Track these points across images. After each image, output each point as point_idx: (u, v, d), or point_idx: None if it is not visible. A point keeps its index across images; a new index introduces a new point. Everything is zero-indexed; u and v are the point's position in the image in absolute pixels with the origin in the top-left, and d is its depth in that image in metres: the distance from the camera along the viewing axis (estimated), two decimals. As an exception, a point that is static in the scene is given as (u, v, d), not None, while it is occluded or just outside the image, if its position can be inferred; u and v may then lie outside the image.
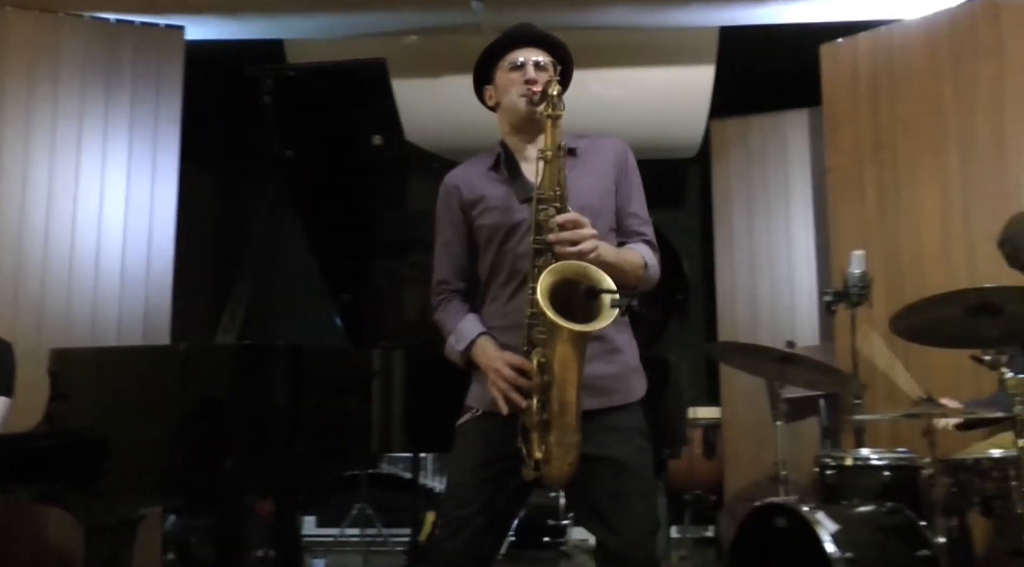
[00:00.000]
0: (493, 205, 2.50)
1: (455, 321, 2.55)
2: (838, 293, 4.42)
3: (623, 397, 2.47)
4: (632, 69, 6.18)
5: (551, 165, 2.34)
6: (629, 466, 2.40)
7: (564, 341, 2.22)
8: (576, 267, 2.25)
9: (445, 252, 2.62)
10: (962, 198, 5.08)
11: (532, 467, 2.30)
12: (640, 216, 2.62)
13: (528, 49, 2.56)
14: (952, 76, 5.22)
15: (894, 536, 3.33)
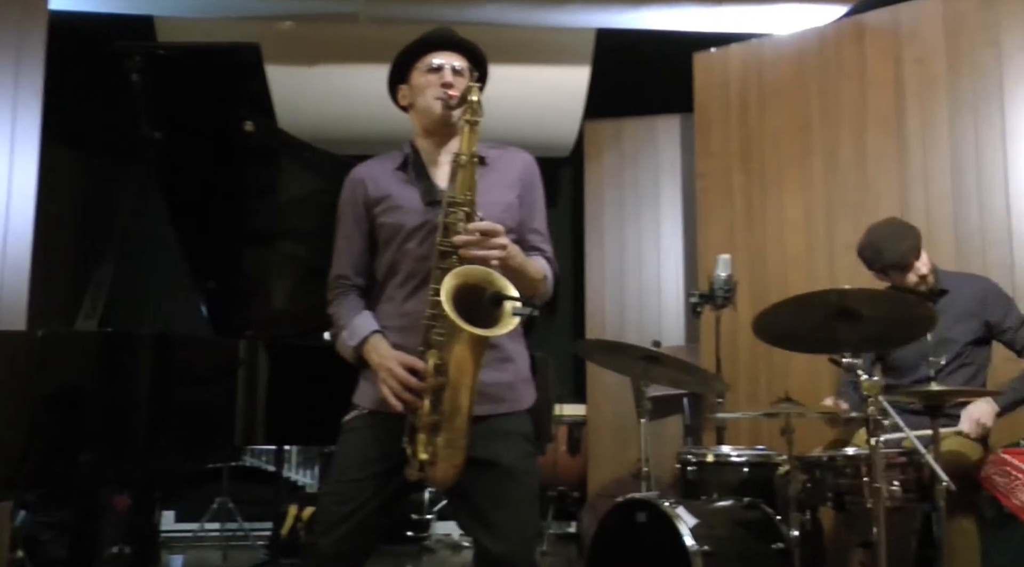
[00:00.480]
0: (397, 204, 2.49)
1: (350, 316, 2.52)
2: (704, 295, 4.49)
3: (511, 405, 2.49)
4: (508, 66, 6.18)
5: (465, 170, 2.34)
6: (514, 471, 2.42)
7: (463, 344, 2.22)
8: (480, 272, 2.26)
9: (346, 246, 2.59)
10: (825, 208, 5.27)
11: (417, 468, 2.30)
12: (541, 232, 2.65)
13: (447, 53, 2.56)
14: (818, 92, 5.40)
15: (750, 530, 3.42)
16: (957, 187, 4.87)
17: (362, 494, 2.39)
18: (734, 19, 5.55)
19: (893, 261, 3.77)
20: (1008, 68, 4.82)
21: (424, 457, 2.28)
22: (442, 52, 2.56)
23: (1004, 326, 3.79)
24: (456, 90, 2.46)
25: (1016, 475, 3.23)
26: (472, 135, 2.36)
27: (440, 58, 2.54)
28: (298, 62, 5.95)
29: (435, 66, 2.53)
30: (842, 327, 3.15)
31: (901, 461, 3.29)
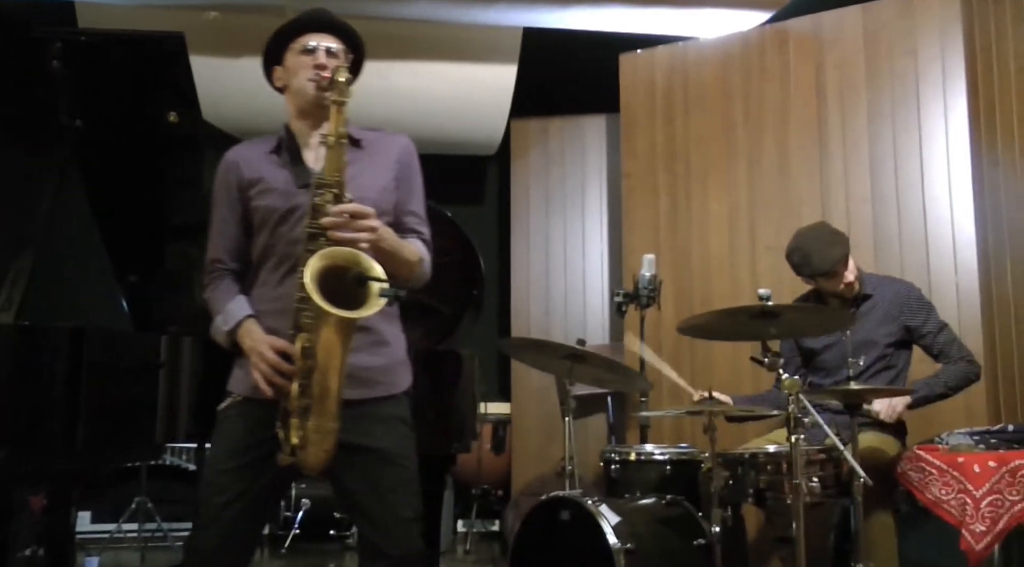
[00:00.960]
0: (271, 187, 2.47)
1: (224, 301, 2.50)
2: (628, 294, 4.52)
3: (387, 389, 2.49)
4: (435, 63, 6.16)
5: (333, 151, 2.33)
6: (391, 455, 2.43)
7: (330, 327, 2.21)
8: (348, 254, 2.25)
9: (220, 230, 2.56)
10: (748, 209, 5.35)
11: (288, 452, 2.28)
12: (418, 215, 2.65)
13: (321, 35, 2.55)
14: (742, 95, 5.49)
15: (673, 527, 3.45)
16: (876, 191, 4.99)
17: (239, 483, 2.36)
18: (660, 21, 5.59)
19: (823, 269, 3.81)
20: (924, 76, 4.95)
21: (295, 441, 2.26)
22: (317, 34, 2.55)
23: (923, 331, 3.87)
24: (329, 71, 2.44)
25: (930, 471, 3.31)
26: (339, 116, 2.34)
27: (314, 39, 2.53)
28: (224, 53, 5.85)
29: (309, 47, 2.52)
30: (763, 323, 3.20)
31: (820, 458, 3.35)
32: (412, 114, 6.25)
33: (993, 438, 3.41)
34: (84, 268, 5.21)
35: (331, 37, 2.56)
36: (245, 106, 5.83)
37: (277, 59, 2.60)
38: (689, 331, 3.52)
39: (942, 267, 4.76)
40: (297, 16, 2.59)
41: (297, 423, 2.26)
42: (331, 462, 2.30)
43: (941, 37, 4.94)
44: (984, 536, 3.08)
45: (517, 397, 6.34)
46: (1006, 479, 3.09)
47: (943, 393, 3.76)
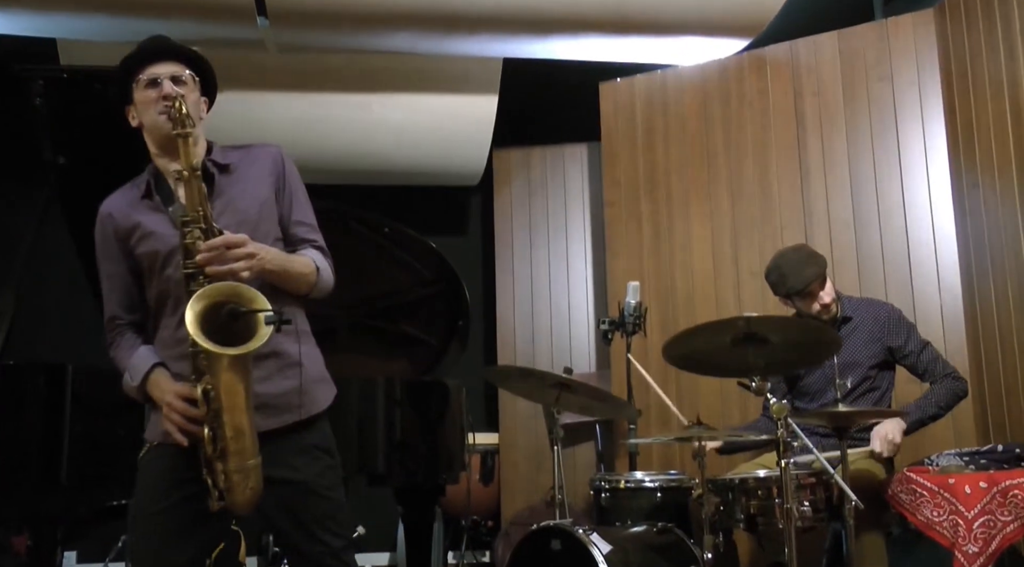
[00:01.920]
0: (148, 231, 2.40)
1: (128, 356, 2.43)
2: (614, 322, 4.52)
3: (306, 410, 2.44)
4: (416, 95, 6.17)
5: (190, 185, 2.26)
6: (315, 487, 2.39)
7: (225, 367, 2.17)
8: (224, 288, 2.21)
9: (111, 286, 2.49)
10: (731, 234, 5.38)
11: (216, 497, 2.25)
12: (306, 223, 2.59)
13: (163, 64, 2.45)
14: (721, 122, 5.53)
15: (664, 554, 3.44)
16: (858, 214, 5.02)
17: (167, 525, 2.32)
18: (638, 50, 5.62)
19: (797, 288, 3.84)
20: (902, 100, 5.01)
21: (221, 485, 2.24)
22: (158, 63, 2.45)
23: (906, 350, 3.88)
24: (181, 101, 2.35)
25: (921, 492, 3.30)
26: (187, 148, 2.25)
27: (156, 70, 2.43)
28: (204, 89, 5.85)
29: (152, 79, 2.42)
30: (750, 352, 3.19)
31: (811, 482, 3.35)
32: (394, 146, 6.26)
33: (983, 458, 3.41)
34: (68, 305, 5.19)
35: (174, 64, 2.46)
36: (228, 139, 5.83)
37: (127, 98, 2.50)
38: (676, 362, 3.51)
39: (926, 288, 4.79)
40: (134, 49, 2.49)
41: (218, 467, 2.23)
42: (258, 498, 2.27)
43: (917, 62, 5.00)
44: (977, 558, 3.07)
45: (505, 427, 6.30)
46: (997, 499, 3.08)
47: (935, 414, 3.78)
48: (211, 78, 2.56)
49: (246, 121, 5.79)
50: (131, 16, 5.12)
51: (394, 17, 5.22)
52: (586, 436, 5.92)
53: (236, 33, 5.32)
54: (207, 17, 5.18)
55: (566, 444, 3.87)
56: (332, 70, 5.93)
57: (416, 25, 5.30)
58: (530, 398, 4.05)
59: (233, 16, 5.15)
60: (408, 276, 4.49)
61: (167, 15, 5.12)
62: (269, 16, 5.12)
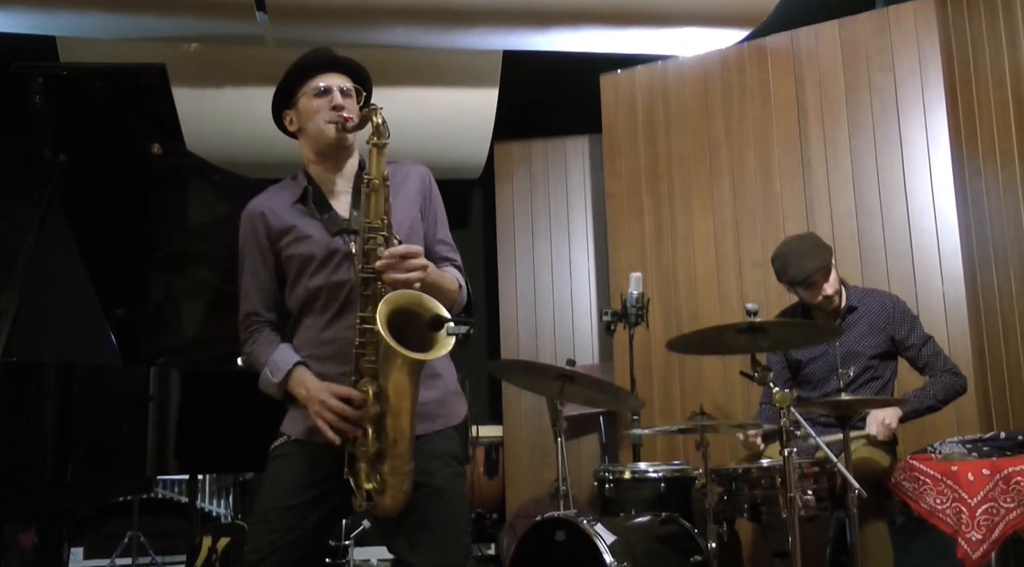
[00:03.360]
0: (304, 235, 2.45)
1: (268, 352, 2.47)
2: (616, 313, 4.53)
3: (445, 421, 2.48)
4: (417, 89, 6.17)
5: (377, 194, 2.33)
6: (444, 492, 2.40)
7: (400, 370, 2.21)
8: (412, 296, 2.26)
9: (253, 283, 2.53)
10: (733, 225, 5.37)
11: (364, 498, 2.27)
12: (447, 242, 2.65)
13: (332, 74, 2.52)
14: (723, 112, 5.52)
15: (669, 544, 3.45)
16: (860, 204, 5.02)
17: (294, 521, 2.35)
18: (639, 41, 5.62)
19: (799, 278, 3.83)
20: (903, 90, 5.00)
21: (370, 487, 2.26)
22: (327, 74, 2.52)
23: (908, 343, 3.88)
24: (349, 112, 2.44)
25: (924, 480, 3.31)
26: (380, 158, 2.34)
27: (326, 80, 2.50)
28: (206, 84, 5.86)
29: (323, 89, 2.49)
30: (751, 337, 3.21)
31: (814, 471, 3.35)
32: (395, 140, 6.16)
33: (985, 446, 3.41)
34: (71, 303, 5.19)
35: (342, 76, 2.53)
36: (228, 136, 5.84)
37: (287, 103, 2.57)
38: (678, 347, 3.52)
39: (928, 278, 4.79)
40: (303, 57, 2.56)
41: (367, 468, 2.26)
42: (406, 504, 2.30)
43: (919, 51, 4.99)
44: (980, 544, 3.08)
45: (509, 419, 6.31)
46: (1000, 487, 3.09)
47: (932, 406, 3.78)
48: (370, 91, 2.60)
49: (246, 117, 5.79)
50: (130, 13, 5.13)
51: (393, 11, 5.23)
52: (590, 428, 5.93)
53: (235, 28, 5.32)
54: (207, 13, 5.19)
55: (570, 436, 3.88)
56: (332, 64, 5.93)
57: (415, 19, 5.30)
58: (534, 391, 4.06)
59: (232, 11, 5.16)
60: (411, 270, 4.48)
61: (167, 11, 5.13)
62: (268, 11, 5.13)
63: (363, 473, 2.26)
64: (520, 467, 6.21)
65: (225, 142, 5.83)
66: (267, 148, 5.90)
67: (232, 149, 5.83)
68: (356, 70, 2.59)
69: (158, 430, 3.37)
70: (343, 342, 2.34)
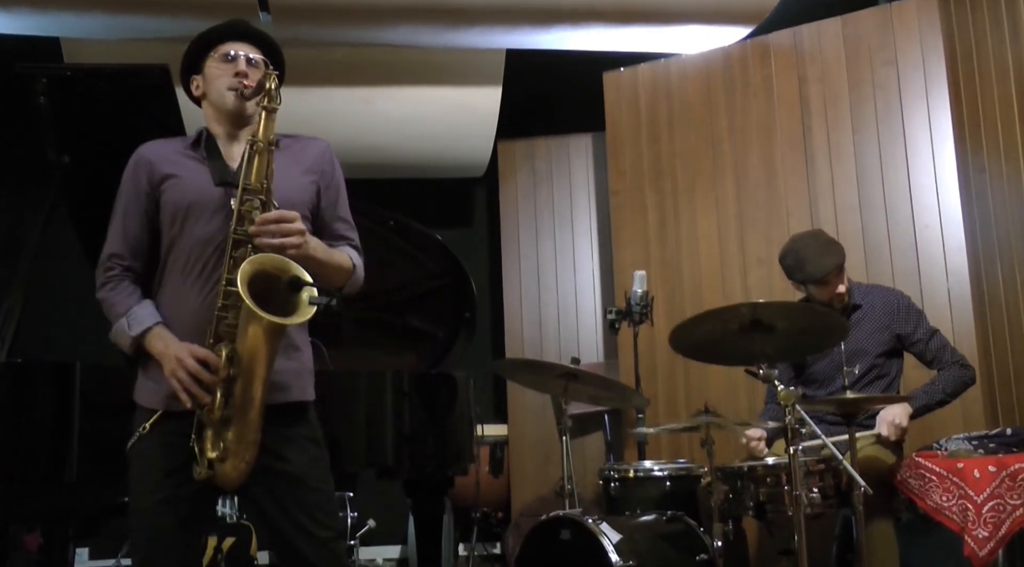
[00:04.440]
0: (185, 179, 2.40)
1: (129, 303, 2.38)
2: (621, 311, 4.51)
3: (298, 394, 2.43)
4: (420, 88, 6.18)
5: (261, 156, 2.30)
6: (304, 479, 2.37)
7: (257, 334, 2.17)
8: (277, 260, 2.22)
9: (122, 225, 2.44)
10: (736, 222, 5.37)
11: (206, 466, 2.21)
12: (346, 220, 2.61)
13: (242, 43, 2.50)
14: (726, 110, 5.51)
15: (674, 542, 3.44)
16: (864, 200, 5.01)
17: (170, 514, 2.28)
18: (641, 39, 5.62)
19: (816, 276, 3.80)
20: (906, 85, 4.99)
21: (213, 455, 2.20)
22: (237, 42, 2.49)
23: (914, 338, 3.87)
24: (251, 80, 2.40)
25: (930, 477, 3.30)
26: (269, 122, 2.31)
27: (235, 47, 2.48)
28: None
29: (229, 56, 2.46)
30: (756, 339, 3.20)
31: (820, 468, 3.34)
32: (399, 139, 6.26)
33: (992, 442, 3.41)
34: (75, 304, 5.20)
35: (251, 46, 2.50)
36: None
37: (195, 68, 2.54)
38: (683, 351, 3.51)
39: (933, 273, 4.78)
40: (216, 25, 2.54)
41: (213, 435, 2.20)
42: (247, 477, 2.25)
43: (921, 46, 4.98)
44: (987, 542, 3.07)
45: (514, 418, 6.31)
46: (1006, 483, 3.08)
47: (942, 400, 3.76)
48: (282, 68, 2.55)
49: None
50: (133, 14, 5.13)
51: (396, 10, 5.23)
52: (595, 426, 5.93)
53: (239, 28, 5.32)
54: (209, 13, 5.16)
55: (575, 434, 3.88)
56: (334, 64, 5.94)
57: (418, 18, 5.30)
58: (538, 389, 4.06)
59: (235, 11, 5.13)
60: (414, 269, 4.49)
61: (170, 12, 5.13)
62: (271, 11, 5.13)
63: (208, 440, 2.21)
64: (525, 466, 6.20)
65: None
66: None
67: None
68: (268, 43, 2.56)
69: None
70: (205, 303, 2.29)
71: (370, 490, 5.62)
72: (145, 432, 2.34)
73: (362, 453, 3.76)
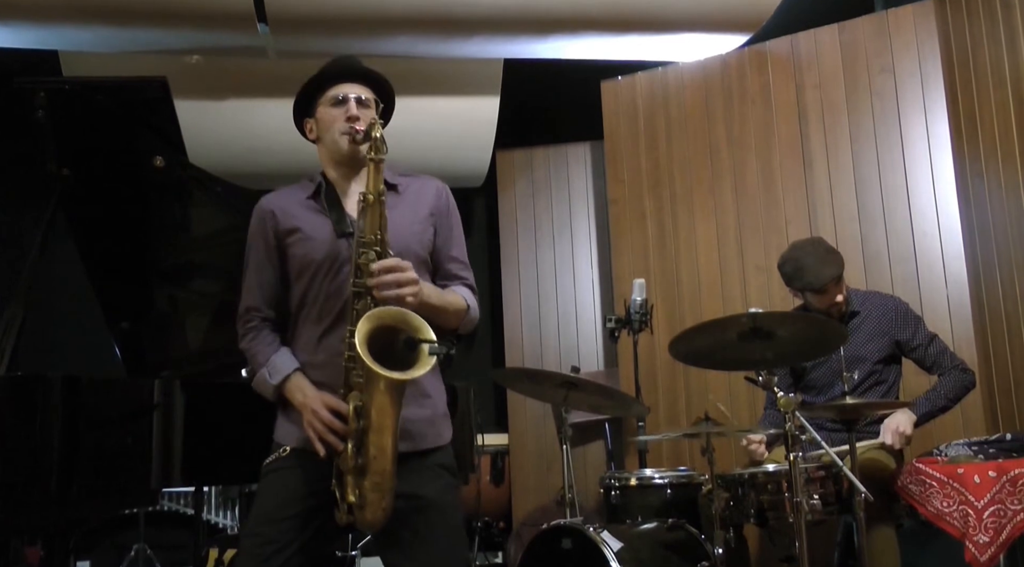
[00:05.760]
0: (310, 235, 2.44)
1: (268, 352, 2.46)
2: (620, 320, 4.51)
3: (433, 441, 2.46)
4: (419, 98, 6.18)
5: (372, 209, 2.31)
6: (436, 503, 2.39)
7: (381, 388, 2.20)
8: (395, 313, 2.25)
9: (257, 278, 2.52)
10: (735, 230, 5.37)
11: (346, 511, 2.26)
12: (461, 260, 2.62)
13: (351, 84, 2.51)
14: (724, 117, 5.52)
15: (676, 550, 3.44)
16: (863, 207, 5.02)
17: (285, 536, 2.33)
18: (638, 48, 5.63)
19: (815, 286, 3.81)
20: (904, 92, 5.00)
21: (352, 500, 2.25)
22: (346, 83, 2.51)
23: (913, 344, 3.87)
24: (363, 123, 2.43)
25: (930, 483, 3.30)
26: (377, 173, 2.33)
27: (344, 90, 2.50)
28: (207, 96, 5.87)
29: (339, 98, 2.49)
30: (756, 346, 3.20)
31: (820, 475, 3.34)
32: (397, 149, 6.15)
33: (992, 448, 3.41)
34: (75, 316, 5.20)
35: (361, 86, 2.53)
36: (230, 148, 5.85)
37: (307, 111, 2.56)
38: (683, 357, 3.51)
39: (932, 280, 4.78)
40: (325, 65, 2.56)
41: (352, 482, 2.25)
42: (388, 519, 2.28)
43: (918, 53, 4.99)
44: (988, 547, 3.07)
45: (514, 427, 6.30)
46: (1007, 488, 3.08)
47: (945, 406, 3.76)
48: (392, 101, 2.60)
49: (248, 128, 5.81)
50: (132, 27, 5.14)
51: (393, 21, 5.23)
52: (595, 434, 5.92)
53: (237, 40, 5.33)
54: (208, 25, 5.20)
55: (576, 443, 3.87)
56: (333, 75, 5.94)
57: (415, 28, 5.31)
58: (539, 398, 4.06)
59: (234, 23, 5.17)
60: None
61: (168, 25, 5.14)
62: (269, 23, 5.13)
63: (349, 486, 2.26)
64: (526, 475, 6.19)
65: (227, 154, 5.84)
66: (269, 159, 5.94)
67: (234, 161, 5.83)
68: (377, 81, 2.58)
69: (163, 442, 3.37)
70: (336, 353, 2.33)
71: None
72: (285, 453, 2.41)
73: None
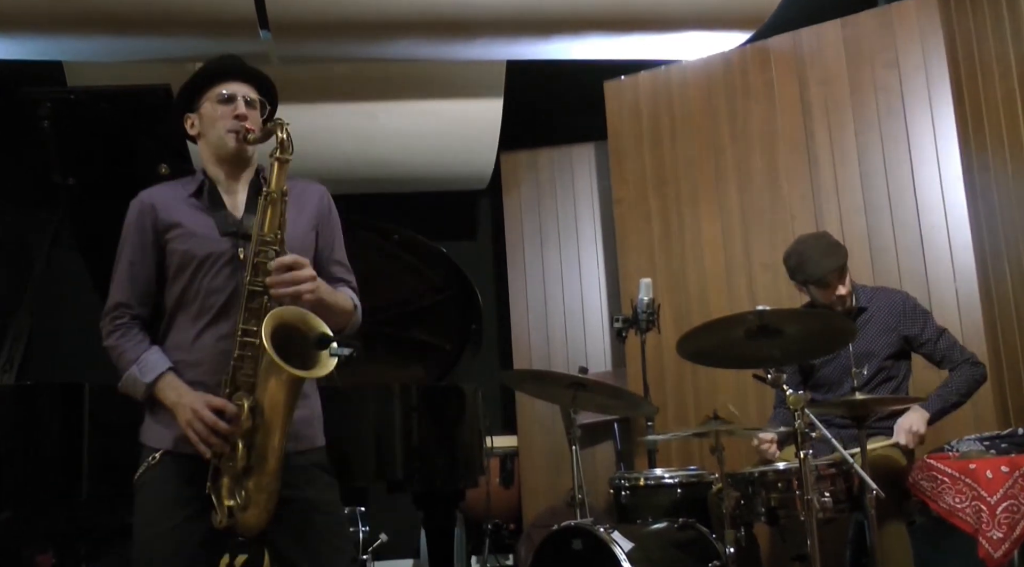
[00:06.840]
0: (192, 231, 2.40)
1: (139, 350, 2.39)
2: (627, 319, 4.51)
3: (310, 442, 2.46)
4: (422, 101, 6.19)
5: (274, 207, 2.30)
6: (315, 503, 2.39)
7: (278, 386, 2.20)
8: (296, 313, 2.25)
9: (129, 274, 2.45)
10: (741, 228, 5.36)
11: (226, 515, 2.23)
12: (343, 263, 2.62)
13: (238, 83, 2.49)
14: (727, 115, 5.51)
15: (686, 550, 3.43)
16: (869, 202, 5.00)
17: (183, 538, 2.28)
18: (641, 47, 5.62)
19: (816, 277, 3.80)
20: (908, 86, 4.98)
21: (232, 503, 2.22)
22: (234, 82, 2.49)
23: (922, 339, 3.85)
24: (251, 124, 2.42)
25: (942, 479, 3.28)
26: (281, 172, 2.31)
27: (232, 88, 2.47)
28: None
29: (226, 96, 2.46)
30: (764, 343, 3.19)
31: (831, 473, 3.33)
32: (402, 153, 6.27)
33: (1004, 442, 3.39)
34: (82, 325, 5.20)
35: (247, 86, 2.50)
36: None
37: (190, 106, 2.52)
38: (691, 356, 3.50)
39: (940, 274, 4.76)
40: (210, 63, 2.53)
41: (230, 484, 2.23)
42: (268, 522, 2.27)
43: (922, 47, 4.97)
44: (1002, 543, 3.05)
45: (523, 429, 6.30)
46: (1019, 483, 3.07)
47: (957, 402, 3.74)
48: (275, 103, 2.58)
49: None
50: (135, 35, 5.15)
51: (395, 25, 5.23)
52: (604, 435, 5.91)
53: (239, 47, 5.32)
54: (210, 32, 5.20)
55: (585, 444, 3.86)
56: (336, 80, 5.96)
57: (418, 32, 5.31)
58: (547, 399, 4.05)
59: (235, 30, 5.17)
60: (420, 282, 4.50)
61: (170, 32, 5.15)
62: (271, 28, 5.14)
63: (225, 488, 2.23)
64: (536, 476, 6.19)
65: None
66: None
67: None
68: (263, 82, 2.56)
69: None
70: (215, 351, 2.32)
71: (381, 504, 5.60)
72: (155, 461, 2.36)
73: (372, 467, 3.76)
